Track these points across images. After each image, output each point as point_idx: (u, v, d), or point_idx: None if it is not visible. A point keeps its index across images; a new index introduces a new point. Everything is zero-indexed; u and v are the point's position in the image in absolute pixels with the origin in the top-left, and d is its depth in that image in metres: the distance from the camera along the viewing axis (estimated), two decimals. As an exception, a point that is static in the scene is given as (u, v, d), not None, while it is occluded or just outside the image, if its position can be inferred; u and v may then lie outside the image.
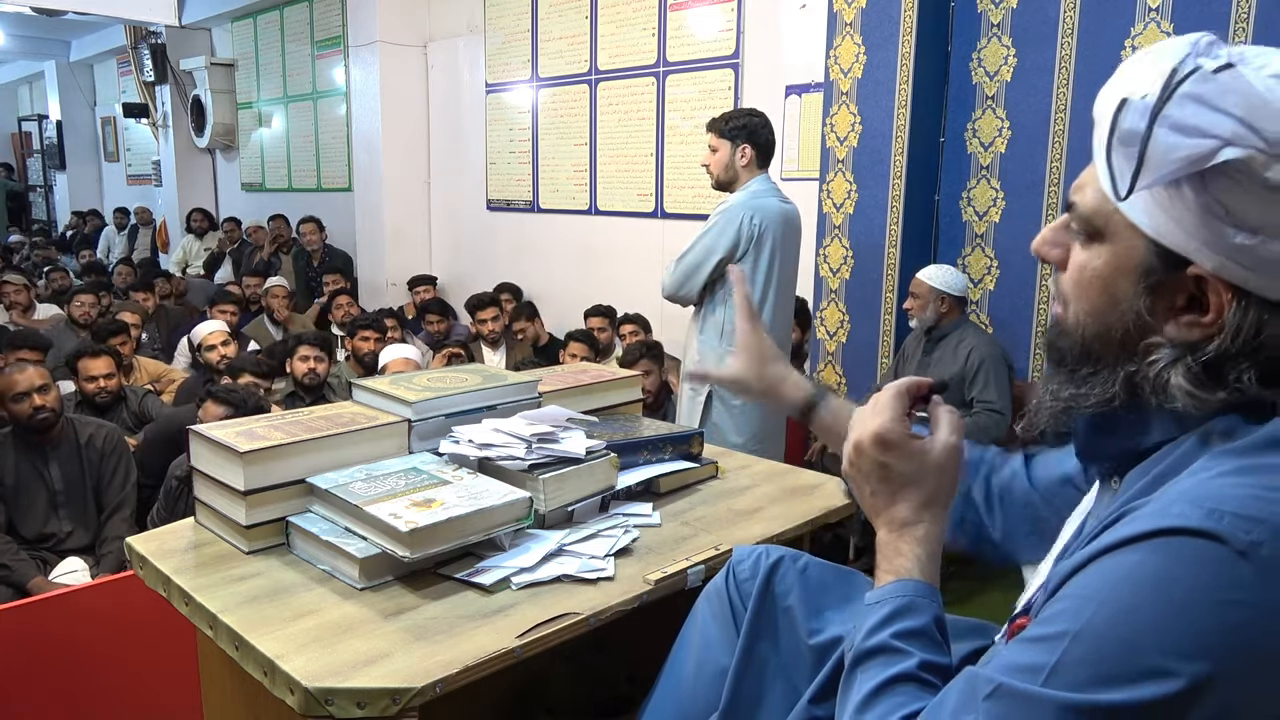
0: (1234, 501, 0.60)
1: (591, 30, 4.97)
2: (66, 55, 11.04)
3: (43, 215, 12.77)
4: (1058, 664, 0.61)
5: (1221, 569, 0.58)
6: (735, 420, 2.78)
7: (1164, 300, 0.69)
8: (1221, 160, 0.62)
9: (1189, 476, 0.65)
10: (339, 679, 0.96)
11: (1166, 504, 0.62)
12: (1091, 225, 0.72)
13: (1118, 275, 0.70)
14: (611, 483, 1.42)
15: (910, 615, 0.79)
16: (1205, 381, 0.67)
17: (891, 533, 0.85)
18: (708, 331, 2.79)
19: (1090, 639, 0.60)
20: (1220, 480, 0.62)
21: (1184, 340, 0.68)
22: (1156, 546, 0.60)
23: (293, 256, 6.96)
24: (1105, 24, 2.98)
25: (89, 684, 1.98)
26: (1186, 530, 0.59)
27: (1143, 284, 0.69)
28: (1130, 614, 0.59)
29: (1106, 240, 0.71)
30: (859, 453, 0.87)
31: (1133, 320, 0.70)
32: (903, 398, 0.88)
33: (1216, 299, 0.66)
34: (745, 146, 2.76)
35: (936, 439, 0.86)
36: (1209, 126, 0.63)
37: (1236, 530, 0.58)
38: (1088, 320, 0.73)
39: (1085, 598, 0.62)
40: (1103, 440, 0.76)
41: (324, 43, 7.13)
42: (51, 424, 2.79)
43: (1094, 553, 0.63)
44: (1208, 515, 0.59)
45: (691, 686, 1.11)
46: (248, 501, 1.25)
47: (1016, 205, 3.28)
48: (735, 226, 2.69)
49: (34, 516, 2.79)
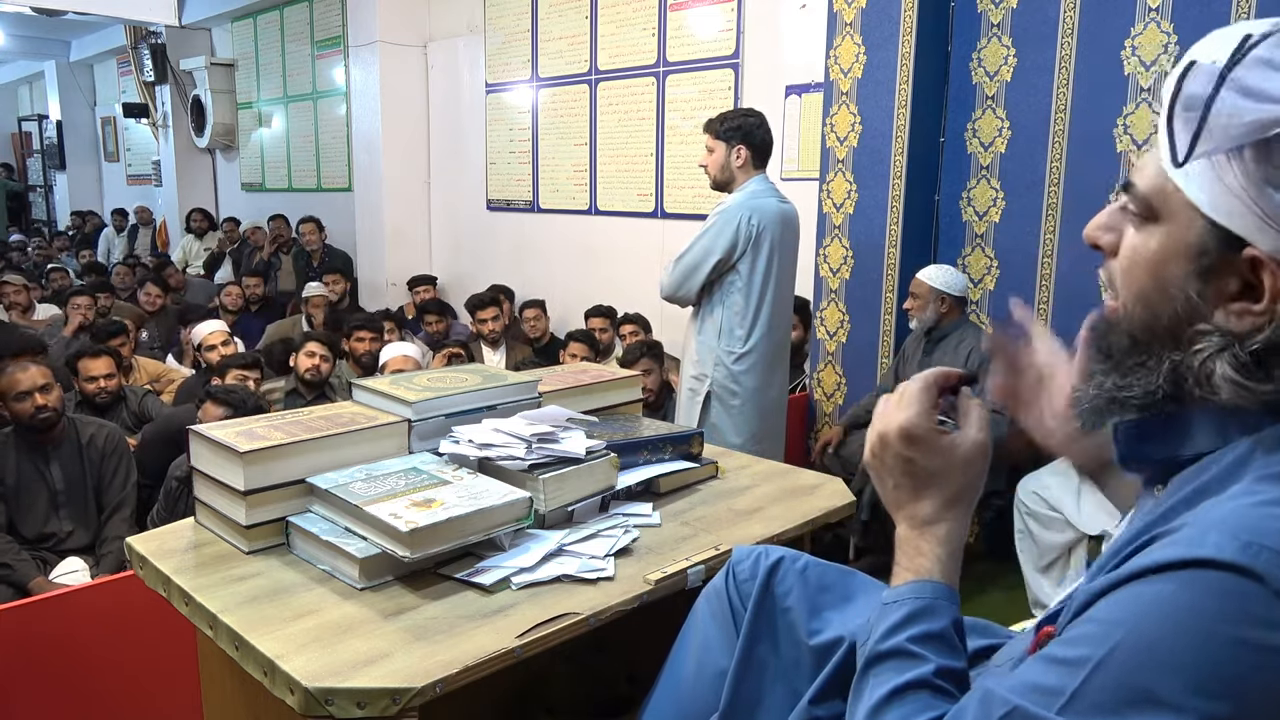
0: (1274, 535, 0.57)
1: (591, 30, 4.97)
2: (66, 55, 11.04)
3: (43, 215, 12.77)
4: (1077, 691, 0.59)
5: (1254, 607, 0.56)
6: (734, 420, 2.78)
7: (1216, 285, 0.66)
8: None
9: (1229, 500, 0.62)
10: (339, 679, 0.96)
11: (1202, 531, 0.60)
12: (1148, 205, 0.69)
13: (1170, 258, 0.67)
14: (611, 483, 1.42)
15: (928, 618, 0.77)
16: (1253, 372, 0.64)
17: (912, 529, 0.83)
18: (706, 332, 2.79)
19: (1112, 669, 0.58)
20: (1261, 509, 0.59)
21: (1234, 330, 0.65)
22: (1188, 579, 0.58)
23: (293, 256, 6.96)
24: (1105, 24, 2.98)
25: (89, 684, 1.98)
26: (1220, 564, 0.57)
27: (1195, 267, 0.66)
28: (1155, 646, 0.57)
29: (1162, 221, 0.68)
30: (883, 445, 0.84)
31: (1182, 305, 0.67)
32: (931, 390, 0.85)
33: (1272, 283, 0.63)
34: (740, 147, 2.76)
35: (965, 435, 0.84)
36: (1278, 91, 0.61)
37: (1273, 567, 0.56)
38: (1135, 306, 0.70)
39: (1112, 623, 0.60)
40: (1144, 447, 0.73)
41: (324, 43, 7.13)
42: (53, 423, 2.79)
43: (1125, 576, 0.61)
44: (1244, 549, 0.57)
45: (691, 687, 1.11)
46: (248, 501, 1.25)
47: (1016, 205, 3.28)
48: (733, 227, 2.69)
49: (35, 516, 2.79)
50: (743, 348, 2.75)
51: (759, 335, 2.76)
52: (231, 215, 8.27)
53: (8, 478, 2.76)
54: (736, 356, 2.76)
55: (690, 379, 2.84)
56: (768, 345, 2.79)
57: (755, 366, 2.77)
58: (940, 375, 0.87)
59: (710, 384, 2.78)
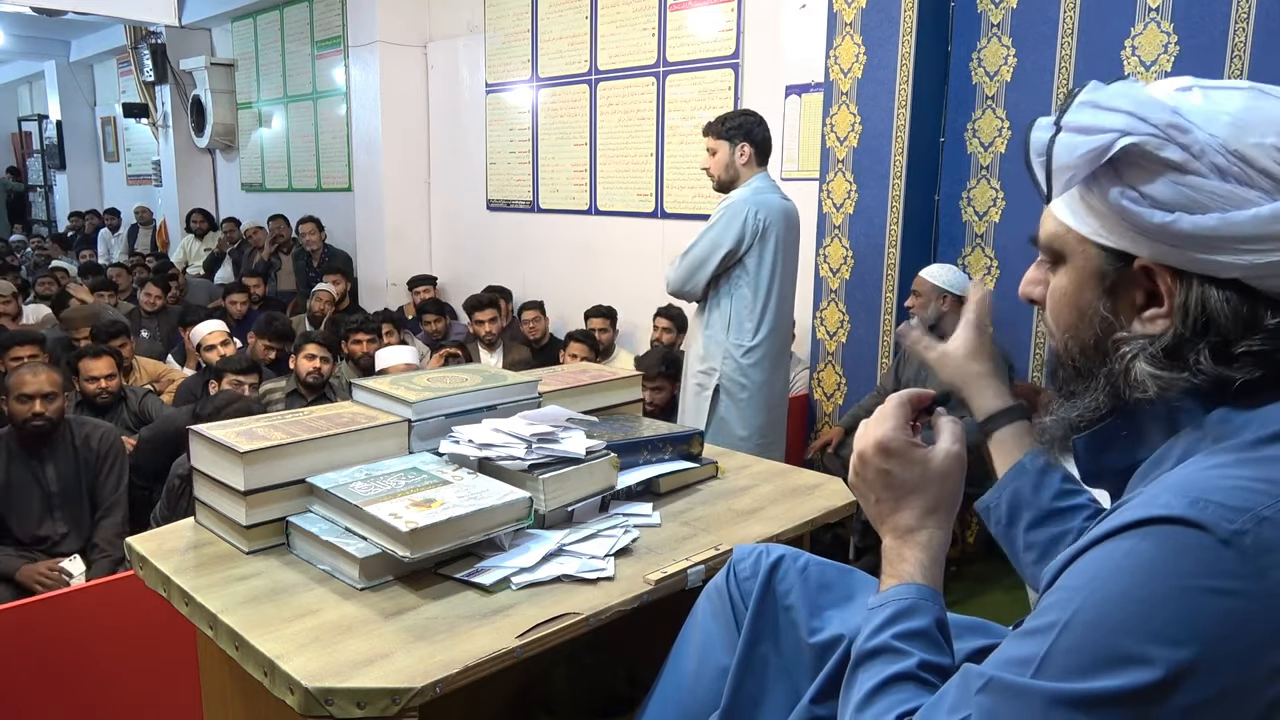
0: (1220, 492, 0.61)
1: (591, 30, 4.97)
2: (66, 55, 11.03)
3: (43, 215, 12.77)
4: (1046, 655, 0.62)
5: (1204, 556, 0.59)
6: (742, 414, 2.80)
7: (1124, 300, 0.73)
8: (1120, 148, 0.68)
9: (1181, 469, 0.67)
10: (339, 679, 0.96)
11: (1154, 494, 0.64)
12: (1051, 249, 0.78)
13: (1081, 288, 0.75)
14: (611, 483, 1.42)
15: (911, 617, 0.80)
16: (1168, 364, 0.70)
17: (895, 539, 0.86)
18: (714, 326, 2.81)
19: (1077, 628, 0.61)
20: (1210, 472, 0.64)
21: (1151, 334, 0.71)
22: (1142, 535, 0.62)
23: (293, 256, 6.96)
24: (1105, 24, 2.98)
25: (89, 684, 1.97)
26: (1171, 519, 0.61)
27: (1101, 288, 0.74)
28: (1114, 602, 0.60)
29: (1067, 260, 0.76)
30: (863, 462, 0.88)
31: (1100, 325, 0.74)
32: (905, 407, 0.90)
33: (1165, 285, 0.70)
34: (744, 145, 2.79)
35: (939, 447, 0.88)
36: (1103, 123, 0.69)
37: (1220, 519, 0.59)
38: (1068, 339, 0.78)
39: (1074, 588, 0.63)
40: (1102, 458, 0.79)
41: (324, 43, 7.13)
42: (45, 432, 2.77)
43: (1086, 544, 0.65)
44: (1192, 504, 0.61)
45: (692, 685, 1.11)
46: (248, 501, 1.25)
47: (1016, 205, 3.28)
48: (740, 221, 2.71)
49: (28, 518, 2.77)
50: (752, 341, 2.77)
51: (767, 329, 2.78)
52: (231, 215, 8.26)
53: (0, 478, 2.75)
54: (745, 350, 2.77)
55: (698, 373, 2.85)
56: (775, 339, 2.81)
57: (763, 360, 2.79)
58: (914, 396, 0.92)
59: (719, 378, 2.80)
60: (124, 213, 10.26)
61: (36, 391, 2.74)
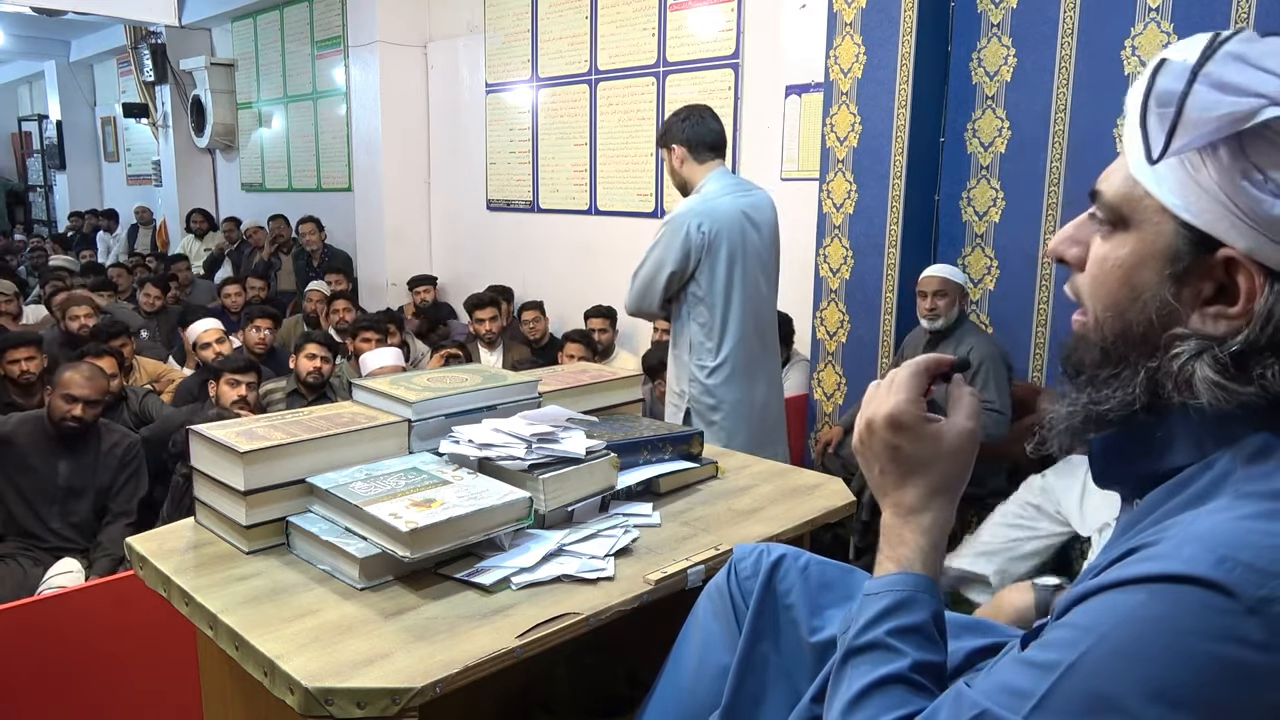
0: (1250, 550, 0.56)
1: (591, 30, 4.97)
2: (66, 55, 11.04)
3: (43, 215, 12.77)
4: (1046, 695, 0.59)
5: (1226, 623, 0.55)
6: (717, 435, 2.60)
7: (1190, 289, 0.65)
8: (1262, 120, 0.59)
9: (1208, 515, 0.61)
10: (339, 679, 0.96)
11: (1179, 545, 0.59)
12: (1117, 212, 0.68)
13: (1142, 264, 0.67)
14: (611, 483, 1.42)
15: (907, 611, 0.77)
16: (1234, 374, 0.62)
17: (897, 517, 0.82)
18: (680, 347, 2.64)
19: (1082, 675, 0.58)
20: (1239, 524, 0.59)
21: (1210, 333, 0.64)
22: (1163, 591, 0.57)
23: (293, 256, 6.96)
24: (1105, 24, 2.98)
25: (89, 684, 1.97)
26: (1194, 579, 0.56)
27: (1168, 271, 0.65)
28: (1125, 655, 0.57)
29: (1132, 228, 0.67)
30: (870, 432, 0.83)
31: (1155, 312, 0.66)
32: (921, 376, 0.84)
33: (1248, 284, 0.62)
34: (674, 147, 2.62)
35: (953, 423, 0.82)
36: (1251, 84, 0.60)
37: (1247, 584, 0.55)
38: (1107, 317, 0.69)
39: (1085, 629, 0.60)
40: (1122, 462, 0.72)
41: (324, 43, 7.13)
42: (74, 433, 2.83)
43: (1102, 585, 0.61)
44: (1219, 564, 0.56)
45: (692, 685, 1.11)
46: (248, 501, 1.25)
47: (1016, 205, 3.29)
48: (681, 237, 2.50)
49: (31, 509, 2.79)
50: (714, 360, 2.57)
51: (730, 344, 2.57)
52: (231, 215, 8.26)
53: (14, 462, 2.78)
54: (709, 370, 2.58)
55: (673, 395, 2.71)
56: (742, 353, 2.59)
57: (732, 377, 2.58)
58: (932, 361, 0.85)
59: (688, 400, 2.63)
60: (124, 213, 10.26)
61: (81, 395, 2.82)
